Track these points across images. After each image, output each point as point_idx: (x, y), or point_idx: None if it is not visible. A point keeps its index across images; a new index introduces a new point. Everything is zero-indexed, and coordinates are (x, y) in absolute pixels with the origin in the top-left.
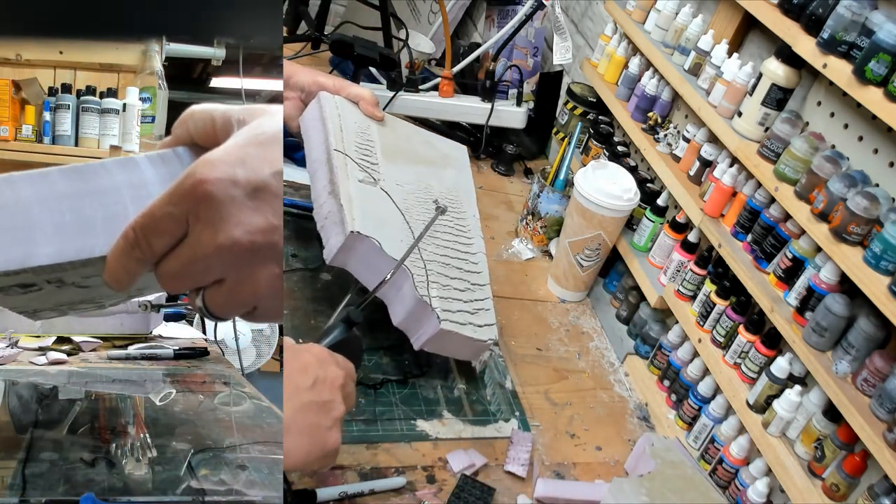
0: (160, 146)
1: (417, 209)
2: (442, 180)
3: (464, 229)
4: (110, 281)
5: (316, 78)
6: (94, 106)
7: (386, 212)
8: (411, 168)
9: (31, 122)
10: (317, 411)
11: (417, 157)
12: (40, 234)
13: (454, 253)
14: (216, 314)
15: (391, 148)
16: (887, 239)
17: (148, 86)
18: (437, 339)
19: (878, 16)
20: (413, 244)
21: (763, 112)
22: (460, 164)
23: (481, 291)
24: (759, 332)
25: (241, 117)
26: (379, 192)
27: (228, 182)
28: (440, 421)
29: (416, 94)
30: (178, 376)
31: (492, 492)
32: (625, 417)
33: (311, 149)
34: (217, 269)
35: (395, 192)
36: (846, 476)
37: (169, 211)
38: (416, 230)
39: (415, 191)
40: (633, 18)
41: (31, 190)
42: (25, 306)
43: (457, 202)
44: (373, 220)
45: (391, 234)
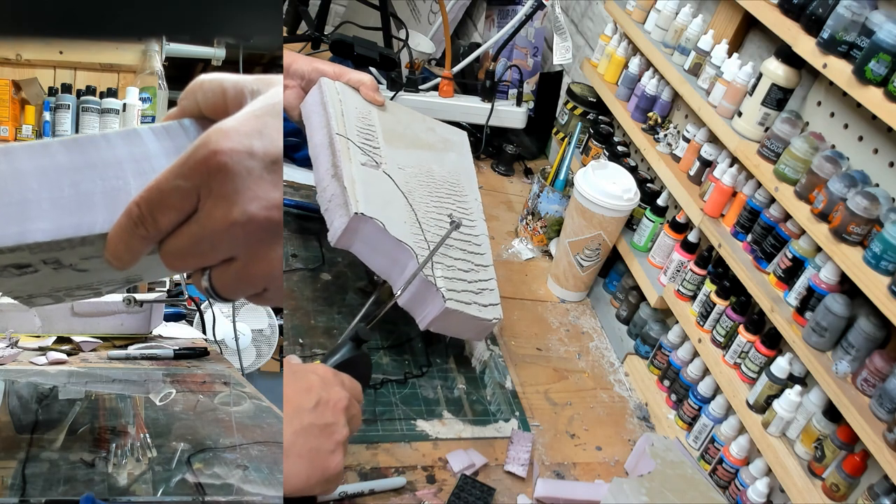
0: (165, 118)
1: (420, 192)
2: (443, 164)
3: (466, 211)
4: (111, 259)
5: (315, 65)
6: (94, 106)
7: (389, 194)
8: (413, 152)
9: (31, 122)
10: (318, 434)
11: (419, 141)
12: (36, 210)
13: (457, 234)
14: (224, 295)
15: (392, 132)
16: (887, 239)
17: (148, 86)
18: (442, 318)
19: (878, 16)
20: (428, 256)
21: (763, 112)
22: (461, 147)
23: (485, 272)
24: (759, 332)
25: (254, 88)
26: (381, 175)
27: (245, 153)
28: (440, 421)
29: (416, 94)
30: (178, 376)
31: (492, 492)
32: (625, 417)
33: (312, 133)
34: (228, 248)
35: (398, 175)
36: (846, 476)
37: (178, 184)
38: (418, 212)
39: (417, 174)
40: (633, 18)
41: (30, 162)
42: (20, 291)
43: (458, 185)
44: (376, 201)
45: (394, 215)
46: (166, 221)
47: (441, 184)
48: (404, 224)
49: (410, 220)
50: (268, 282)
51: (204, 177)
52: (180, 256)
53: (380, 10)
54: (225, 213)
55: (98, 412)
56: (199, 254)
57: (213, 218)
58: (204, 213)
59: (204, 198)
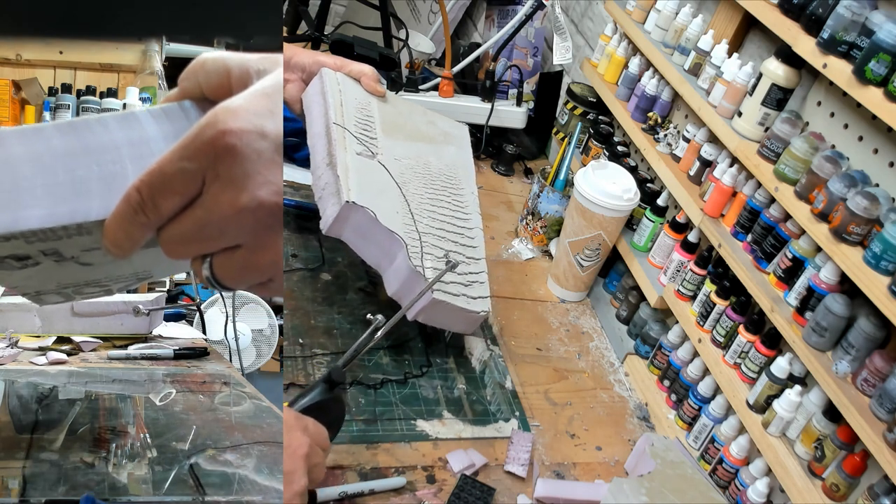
0: (164, 100)
1: (415, 183)
2: (441, 157)
3: (461, 205)
4: (110, 247)
5: (317, 58)
6: (93, 106)
7: (382, 184)
8: (411, 144)
9: (31, 121)
10: None
11: (418, 133)
12: (29, 196)
13: (451, 227)
14: (227, 284)
15: (391, 124)
16: (887, 239)
17: (148, 86)
18: (430, 309)
19: (878, 16)
20: (423, 290)
21: (763, 112)
22: (461, 141)
23: (476, 265)
24: (759, 332)
25: (260, 67)
26: (376, 166)
27: (256, 134)
28: (440, 421)
29: (416, 94)
30: (178, 376)
31: (492, 492)
32: (625, 417)
33: (311, 123)
34: (233, 234)
35: (393, 166)
36: (846, 476)
37: (182, 167)
38: (411, 203)
39: (413, 165)
40: (633, 18)
41: (22, 147)
42: (26, 286)
43: (455, 179)
44: (369, 191)
45: (387, 205)
46: (168, 206)
47: (437, 176)
48: (396, 214)
49: (403, 210)
50: (273, 271)
51: (210, 159)
52: (182, 242)
53: (380, 10)
54: (233, 198)
55: (98, 412)
56: (202, 240)
57: (219, 203)
58: (209, 196)
59: (210, 181)
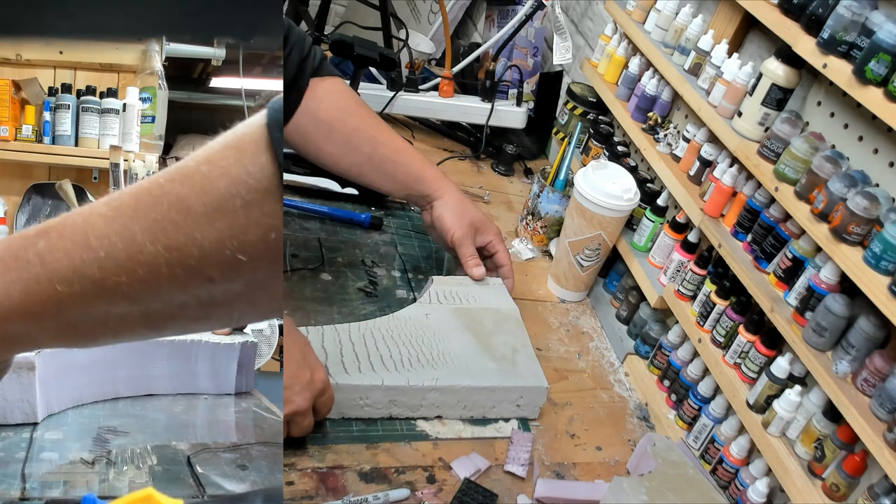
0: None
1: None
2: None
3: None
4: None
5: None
6: (94, 106)
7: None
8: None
9: (31, 122)
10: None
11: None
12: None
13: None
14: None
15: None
16: (887, 239)
17: (148, 86)
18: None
19: (878, 16)
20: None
21: (763, 112)
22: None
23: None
24: (759, 332)
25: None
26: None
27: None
28: (440, 421)
29: (416, 94)
30: None
31: (494, 497)
32: (625, 417)
33: None
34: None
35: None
36: (846, 476)
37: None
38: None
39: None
40: (633, 18)
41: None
42: None
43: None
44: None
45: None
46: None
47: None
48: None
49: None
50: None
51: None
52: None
53: (380, 10)
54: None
55: (99, 412)
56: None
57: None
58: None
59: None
